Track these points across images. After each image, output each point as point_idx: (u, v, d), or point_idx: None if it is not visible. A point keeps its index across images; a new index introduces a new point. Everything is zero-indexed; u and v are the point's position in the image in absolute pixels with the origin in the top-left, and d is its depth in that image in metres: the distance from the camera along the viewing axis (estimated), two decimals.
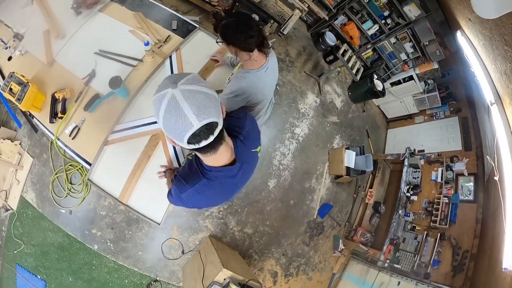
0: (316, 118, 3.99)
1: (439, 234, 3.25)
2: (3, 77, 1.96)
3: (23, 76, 1.77)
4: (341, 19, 4.21)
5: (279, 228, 3.46)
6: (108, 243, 2.84)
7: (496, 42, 2.19)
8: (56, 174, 2.67)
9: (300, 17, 3.73)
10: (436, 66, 4.08)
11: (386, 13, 3.90)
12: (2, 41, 2.03)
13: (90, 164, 1.81)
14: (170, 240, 2.95)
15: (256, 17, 3.29)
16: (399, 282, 3.03)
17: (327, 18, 3.94)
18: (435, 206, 3.46)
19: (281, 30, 3.94)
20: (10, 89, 1.74)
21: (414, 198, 3.72)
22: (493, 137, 2.60)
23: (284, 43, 4.14)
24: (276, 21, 3.29)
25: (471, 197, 3.30)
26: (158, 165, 1.84)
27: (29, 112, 1.89)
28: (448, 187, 3.49)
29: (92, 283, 2.88)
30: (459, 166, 3.52)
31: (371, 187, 4.08)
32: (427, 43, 3.88)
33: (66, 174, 2.66)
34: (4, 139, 2.63)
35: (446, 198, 3.41)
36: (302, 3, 3.39)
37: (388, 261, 3.36)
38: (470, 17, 2.55)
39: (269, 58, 1.48)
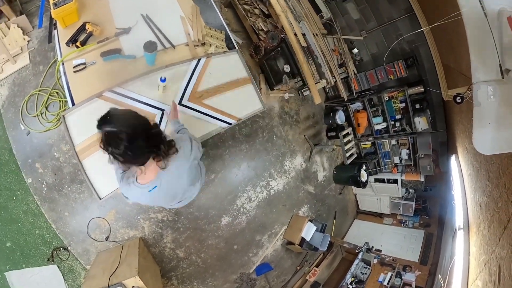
0: (294, 180, 4.03)
1: None
2: None
3: None
4: (357, 105, 4.57)
5: (211, 266, 3.24)
6: (43, 185, 2.57)
7: (481, 175, 2.40)
8: (39, 90, 2.52)
9: (324, 87, 4.02)
10: (422, 179, 4.36)
11: (398, 116, 4.26)
12: None
13: (74, 104, 1.73)
14: (101, 220, 2.67)
15: (288, 68, 3.51)
16: None
17: (346, 98, 4.25)
18: None
19: (302, 90, 4.20)
20: None
21: None
22: (450, 259, 2.69)
23: (299, 102, 4.39)
24: (303, 80, 3.52)
25: None
26: None
27: (55, 21, 1.84)
28: None
29: (2, 211, 2.53)
30: (409, 277, 3.51)
31: (317, 266, 3.99)
32: (422, 156, 4.20)
33: (48, 97, 2.50)
34: (18, 27, 2.50)
35: None
36: (332, 77, 3.68)
37: None
38: (468, 146, 2.82)
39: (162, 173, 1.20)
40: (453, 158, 3.42)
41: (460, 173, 3.11)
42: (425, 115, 3.93)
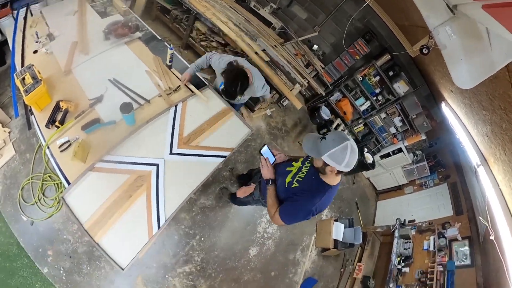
0: None
1: None
2: (22, 65, 2.03)
3: (39, 73, 1.83)
4: (336, 95, 4.68)
5: None
6: (61, 271, 2.41)
7: (475, 108, 2.44)
8: (32, 178, 2.49)
9: (299, 91, 4.12)
10: (423, 137, 4.38)
11: (377, 91, 4.37)
12: (36, 34, 2.19)
13: (69, 183, 1.71)
14: None
15: None
16: None
17: (324, 94, 4.36)
18: (429, 275, 3.17)
19: (281, 101, 4.31)
20: (23, 78, 1.78)
21: (406, 269, 3.46)
22: (483, 197, 2.62)
23: (282, 114, 4.47)
24: (278, 92, 3.61)
25: (468, 262, 3.09)
26: (136, 209, 1.79)
27: (30, 107, 1.88)
28: (442, 255, 3.28)
29: None
30: (452, 232, 3.39)
31: (359, 260, 3.82)
32: (415, 116, 4.24)
33: (42, 183, 2.47)
34: None
35: (441, 266, 3.16)
36: (303, 79, 3.80)
37: None
38: (452, 88, 2.88)
39: None
40: (443, 105, 3.47)
41: (455, 116, 3.14)
42: (401, 79, 4.05)
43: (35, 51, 2.14)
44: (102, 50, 2.29)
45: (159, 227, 1.76)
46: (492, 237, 2.46)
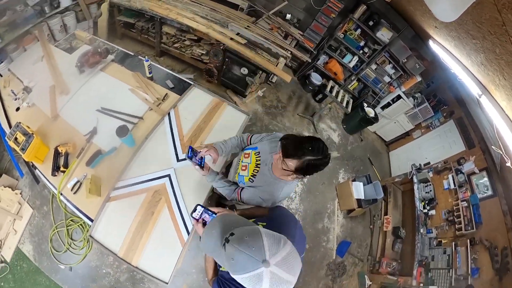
0: None
1: (468, 240, 2.99)
2: (10, 126, 2.03)
3: (29, 127, 1.82)
4: (323, 58, 4.58)
5: (298, 277, 3.16)
6: None
7: (464, 39, 2.35)
8: (56, 228, 2.57)
9: (285, 64, 4.05)
10: (419, 78, 4.31)
11: (362, 44, 4.26)
12: (12, 92, 2.16)
13: (92, 220, 1.75)
14: None
15: (245, 70, 3.55)
16: None
17: (309, 60, 4.27)
18: (455, 213, 3.26)
19: (270, 79, 4.23)
20: (15, 138, 1.79)
21: (432, 212, 3.53)
22: (491, 126, 2.59)
23: (274, 91, 4.42)
24: (264, 71, 3.56)
25: (489, 192, 3.13)
26: (162, 223, 1.81)
27: (32, 163, 1.90)
28: (463, 190, 3.34)
29: None
30: (468, 166, 3.41)
31: (386, 213, 3.89)
32: (405, 60, 4.16)
33: (67, 229, 2.54)
34: (5, 187, 2.59)
35: (465, 202, 3.24)
36: (285, 51, 3.71)
37: (421, 285, 3.05)
38: (436, 24, 2.78)
39: None
40: (431, 43, 3.37)
41: (445, 51, 3.04)
42: (383, 26, 3.94)
43: (17, 109, 2.13)
44: (80, 84, 2.26)
45: (188, 233, 1.80)
46: (508, 164, 2.46)
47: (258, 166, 1.41)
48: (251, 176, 1.41)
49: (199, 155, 1.51)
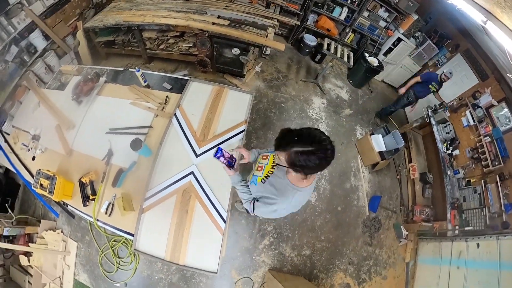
0: (330, 118, 3.94)
1: (497, 176, 2.91)
2: (32, 176, 2.13)
3: (49, 171, 1.90)
4: (312, 17, 4.35)
5: (336, 238, 3.25)
6: None
7: None
8: (102, 252, 2.74)
9: (275, 33, 3.89)
10: (416, 17, 4.05)
11: None
12: (23, 144, 2.26)
13: (132, 235, 1.84)
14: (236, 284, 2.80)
15: (237, 50, 3.44)
16: (478, 244, 2.69)
17: (298, 22, 4.07)
18: (480, 150, 3.16)
19: (264, 53, 4.10)
20: (41, 184, 1.88)
21: (456, 152, 3.45)
22: (503, 52, 2.40)
23: (271, 63, 4.30)
24: (256, 46, 3.44)
25: None
26: (198, 218, 1.89)
27: (62, 201, 1.99)
28: (484, 125, 3.21)
29: None
30: (485, 99, 3.25)
31: (410, 161, 3.85)
32: (397, 0, 3.91)
33: (112, 249, 2.70)
34: (47, 231, 2.79)
35: (488, 137, 3.13)
36: (271, 20, 3.54)
37: (457, 227, 3.04)
38: None
39: None
40: None
41: None
42: None
43: (33, 158, 2.22)
44: (83, 114, 2.30)
45: (224, 221, 1.88)
46: None
47: (274, 167, 1.38)
48: (265, 177, 1.37)
49: (231, 153, 1.51)
